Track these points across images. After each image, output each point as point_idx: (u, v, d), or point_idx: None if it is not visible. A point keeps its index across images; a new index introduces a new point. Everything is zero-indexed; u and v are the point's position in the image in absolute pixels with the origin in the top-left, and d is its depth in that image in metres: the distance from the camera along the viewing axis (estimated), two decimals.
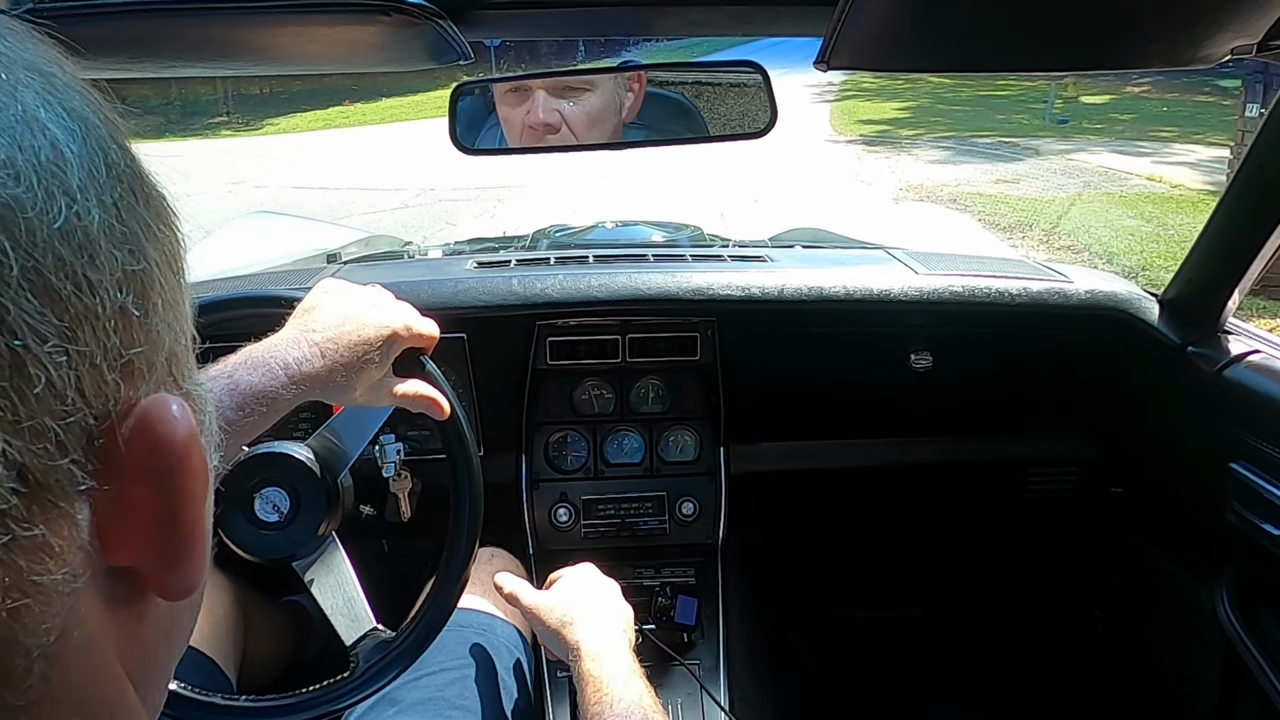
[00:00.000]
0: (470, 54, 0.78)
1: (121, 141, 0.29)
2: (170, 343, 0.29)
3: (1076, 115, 12.40)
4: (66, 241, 0.24)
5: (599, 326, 1.38)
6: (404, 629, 0.84)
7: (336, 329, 0.76)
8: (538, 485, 1.41)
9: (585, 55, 15.03)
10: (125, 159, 0.28)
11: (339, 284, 0.82)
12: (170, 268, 0.29)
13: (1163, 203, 7.28)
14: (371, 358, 0.76)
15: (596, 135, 1.13)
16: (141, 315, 0.26)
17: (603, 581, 1.02)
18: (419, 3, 0.68)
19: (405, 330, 0.79)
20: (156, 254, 0.28)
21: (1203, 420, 1.29)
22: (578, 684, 0.87)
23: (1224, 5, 0.58)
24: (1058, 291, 1.40)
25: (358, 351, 0.76)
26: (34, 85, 0.25)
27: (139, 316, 0.26)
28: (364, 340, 0.76)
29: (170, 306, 0.29)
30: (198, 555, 0.28)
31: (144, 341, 0.27)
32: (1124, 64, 0.69)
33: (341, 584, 0.89)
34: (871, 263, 1.49)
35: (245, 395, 0.70)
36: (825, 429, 1.54)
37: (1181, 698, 1.40)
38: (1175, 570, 1.43)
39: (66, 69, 0.28)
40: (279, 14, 0.68)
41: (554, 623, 0.95)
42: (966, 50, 0.68)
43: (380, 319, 0.78)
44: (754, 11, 0.79)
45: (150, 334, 0.27)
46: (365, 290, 0.82)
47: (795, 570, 1.73)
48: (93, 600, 0.26)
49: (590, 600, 0.97)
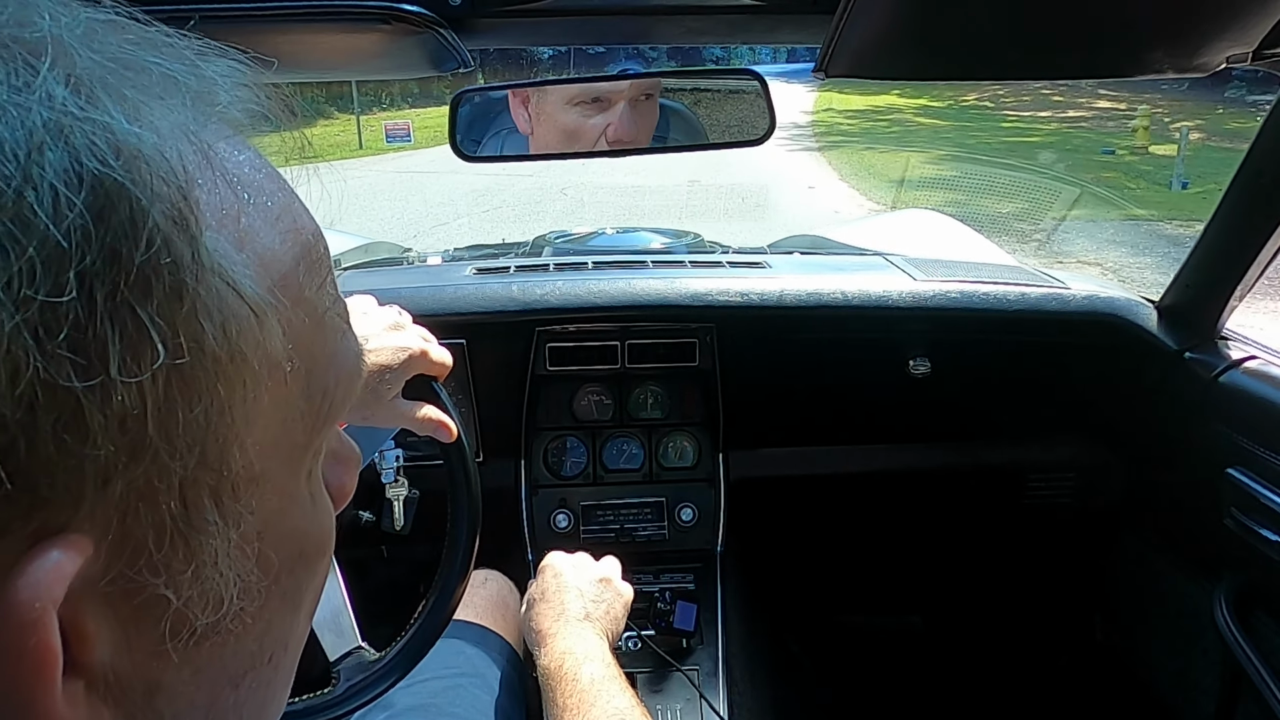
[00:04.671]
0: (470, 62, 0.78)
1: (187, 220, 0.24)
2: (152, 475, 0.23)
3: (1190, 174, 9.13)
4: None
5: (598, 332, 1.38)
6: (389, 651, 0.83)
7: None
8: (537, 491, 1.41)
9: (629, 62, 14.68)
10: (168, 246, 0.23)
11: (360, 303, 0.82)
12: (193, 386, 0.23)
13: None
14: (386, 379, 0.76)
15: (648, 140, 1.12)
16: (64, 445, 0.21)
17: (580, 566, 1.03)
18: (419, 11, 0.68)
19: (421, 355, 0.78)
20: (137, 365, 0.22)
21: (1200, 426, 1.30)
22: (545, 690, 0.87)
23: (1219, 14, 0.59)
24: (1055, 298, 1.40)
25: (373, 374, 0.75)
26: None
27: (59, 446, 0.21)
28: (380, 363, 0.75)
29: (161, 426, 0.23)
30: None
31: (62, 473, 0.21)
32: (1120, 72, 0.70)
33: (330, 597, 0.88)
34: (870, 269, 1.49)
35: None
36: (824, 435, 1.54)
37: (1180, 703, 1.40)
38: (1173, 576, 1.43)
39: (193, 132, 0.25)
40: (280, 21, 0.69)
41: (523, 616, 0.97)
42: (963, 58, 0.69)
43: (398, 342, 0.77)
44: (753, 20, 0.79)
45: (77, 466, 0.21)
46: (385, 312, 0.81)
47: (794, 576, 1.72)
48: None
49: (563, 591, 0.98)
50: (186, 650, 0.26)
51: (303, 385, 0.28)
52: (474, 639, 1.10)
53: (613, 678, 0.85)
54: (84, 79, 0.23)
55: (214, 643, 0.26)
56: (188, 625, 0.25)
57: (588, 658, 0.87)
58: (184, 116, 0.25)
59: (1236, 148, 10.18)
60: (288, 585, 0.29)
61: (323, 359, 0.29)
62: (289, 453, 0.28)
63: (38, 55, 0.22)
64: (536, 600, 0.99)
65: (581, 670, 0.85)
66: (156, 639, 0.25)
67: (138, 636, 0.25)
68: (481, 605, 1.18)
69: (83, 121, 0.22)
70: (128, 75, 0.24)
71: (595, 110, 1.10)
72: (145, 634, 0.25)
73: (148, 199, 0.23)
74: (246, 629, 0.27)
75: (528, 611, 0.99)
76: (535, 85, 1.13)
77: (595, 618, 0.96)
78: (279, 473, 0.27)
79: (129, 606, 0.24)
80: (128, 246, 0.22)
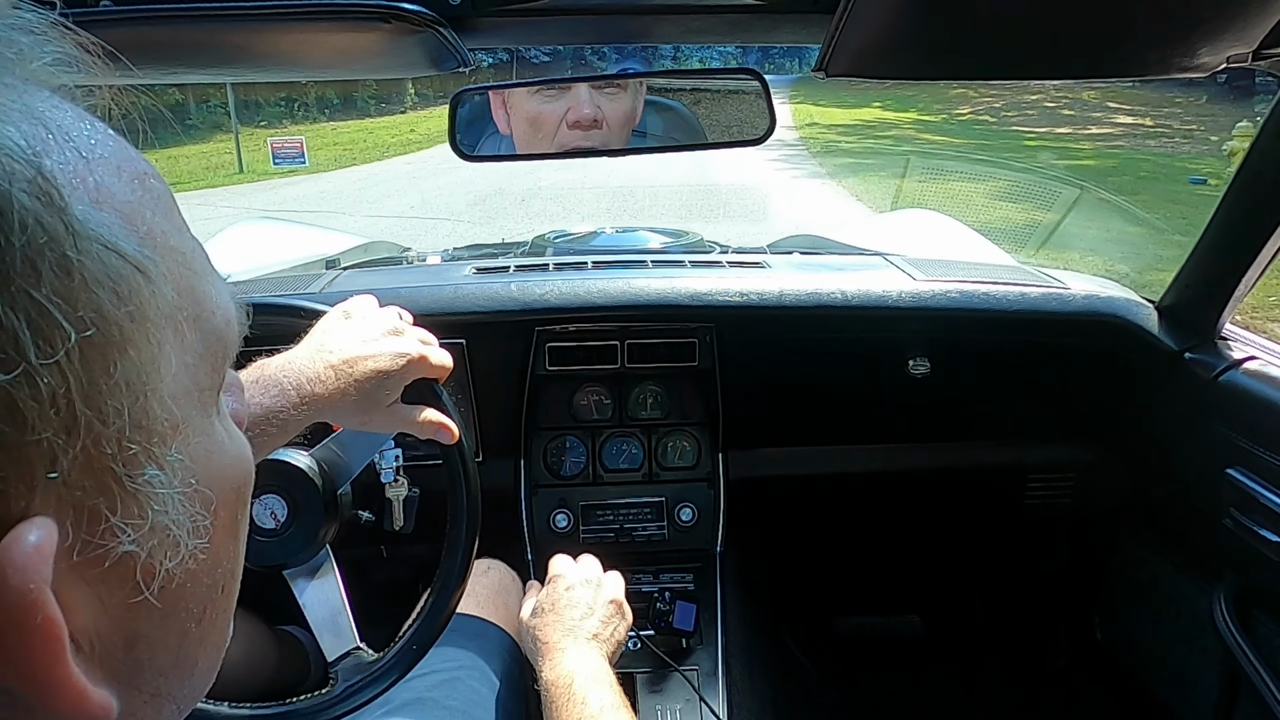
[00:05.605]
0: (470, 61, 0.78)
1: (51, 195, 0.24)
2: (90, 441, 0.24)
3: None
4: None
5: (598, 332, 1.38)
6: (387, 651, 0.83)
7: (354, 353, 0.75)
8: (536, 490, 1.41)
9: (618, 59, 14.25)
10: (39, 226, 0.23)
11: (362, 306, 0.81)
12: (105, 349, 0.24)
13: None
14: (384, 385, 0.76)
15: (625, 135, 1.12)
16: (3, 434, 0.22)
17: (593, 582, 1.02)
18: (419, 10, 0.68)
19: (420, 360, 0.78)
20: (52, 346, 0.23)
21: (1200, 426, 1.30)
22: (547, 706, 0.87)
23: (1220, 13, 0.59)
24: (1055, 298, 1.40)
25: (372, 379, 0.75)
26: None
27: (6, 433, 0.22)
28: (379, 369, 0.76)
29: (86, 395, 0.24)
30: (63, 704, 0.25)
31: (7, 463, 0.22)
32: (1120, 72, 0.70)
33: (329, 598, 0.89)
34: (869, 269, 1.49)
35: (257, 415, 0.70)
36: (824, 435, 1.54)
37: (1179, 703, 1.40)
38: (1173, 576, 1.43)
39: None
40: (279, 20, 0.69)
41: (527, 622, 0.96)
42: (964, 58, 0.69)
43: (398, 348, 0.77)
44: (753, 19, 0.79)
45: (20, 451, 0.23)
46: (385, 314, 0.81)
47: (794, 576, 1.72)
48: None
49: (575, 606, 0.97)
50: (157, 598, 0.27)
51: (196, 330, 0.29)
52: (473, 632, 1.10)
53: (620, 706, 0.85)
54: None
55: (178, 584, 0.28)
56: (154, 575, 0.27)
57: (596, 681, 0.87)
58: (8, 89, 0.25)
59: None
60: (226, 518, 0.30)
61: (207, 302, 0.30)
62: (199, 396, 0.29)
63: None
64: (545, 610, 0.97)
65: (590, 694, 0.85)
66: (127, 593, 0.26)
67: (109, 595, 0.26)
68: (484, 595, 1.18)
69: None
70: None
71: (555, 96, 1.11)
72: (116, 592, 0.26)
73: (6, 182, 0.23)
74: (201, 565, 0.29)
75: (533, 619, 0.98)
76: (534, 84, 1.12)
77: (603, 639, 0.95)
78: (196, 417, 0.29)
79: (99, 570, 0.25)
80: (4, 235, 0.22)
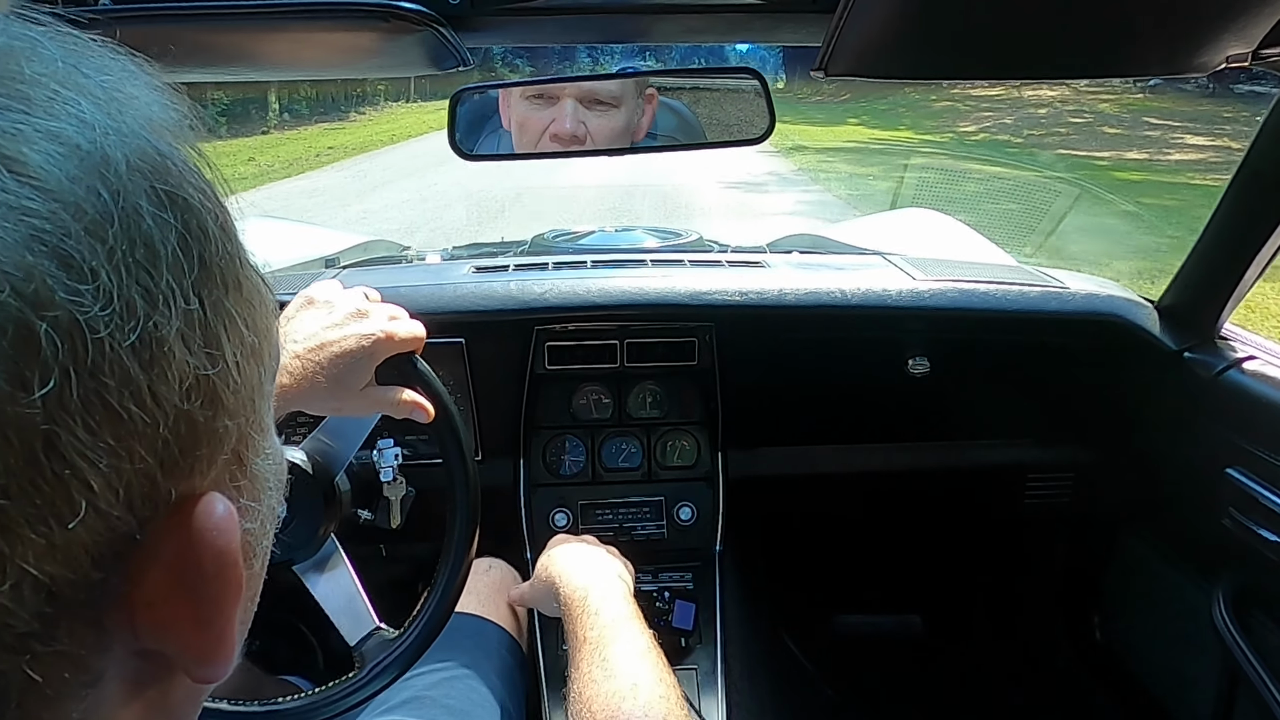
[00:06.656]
0: (469, 60, 0.78)
1: (223, 219, 0.27)
2: (240, 429, 0.28)
3: None
4: (137, 357, 0.22)
5: (597, 331, 1.38)
6: (407, 626, 0.84)
7: (317, 340, 0.75)
8: (535, 490, 1.40)
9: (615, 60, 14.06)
10: (223, 243, 0.27)
11: (324, 291, 0.80)
12: (253, 354, 0.28)
13: None
14: (353, 369, 0.76)
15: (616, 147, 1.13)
16: (208, 419, 0.25)
17: (594, 544, 1.06)
18: (417, 9, 0.68)
19: (387, 338, 0.77)
20: (236, 348, 0.27)
21: (1199, 426, 1.30)
22: (566, 623, 0.87)
23: (1220, 13, 0.59)
24: (1054, 297, 1.40)
25: (339, 364, 0.75)
26: (142, 171, 0.24)
27: (204, 421, 0.25)
28: (344, 352, 0.75)
29: (244, 391, 0.27)
30: (225, 653, 0.28)
31: (206, 444, 0.25)
32: (1120, 71, 0.70)
33: (342, 585, 0.89)
34: (869, 268, 1.49)
35: None
36: (823, 434, 1.54)
37: (1179, 703, 1.40)
38: (1172, 576, 1.43)
39: (182, 140, 0.27)
40: (277, 19, 0.69)
41: (543, 577, 0.97)
42: (964, 57, 0.69)
43: (363, 329, 0.76)
44: (753, 18, 0.79)
45: (215, 434, 0.26)
46: (349, 296, 0.80)
47: (793, 575, 1.72)
48: (120, 681, 0.25)
49: (578, 551, 1.00)
50: (250, 573, 0.31)
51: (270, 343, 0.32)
52: (471, 630, 1.10)
53: (633, 616, 0.85)
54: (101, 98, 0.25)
55: (260, 564, 0.33)
56: (262, 544, 0.32)
57: (610, 594, 0.88)
58: (166, 127, 0.28)
59: None
60: (275, 502, 0.34)
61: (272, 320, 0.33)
62: (267, 400, 0.33)
63: None
64: (553, 550, 1.01)
65: (605, 606, 0.85)
66: (251, 560, 0.31)
67: None
68: (485, 592, 1.18)
69: (127, 138, 0.25)
70: (117, 95, 0.26)
71: (543, 105, 1.12)
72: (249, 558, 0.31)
73: (199, 203, 0.26)
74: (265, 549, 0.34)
75: (543, 560, 1.00)
76: (531, 84, 1.13)
77: (615, 565, 0.97)
78: (267, 416, 0.33)
79: (246, 537, 0.30)
80: (207, 250, 0.26)
